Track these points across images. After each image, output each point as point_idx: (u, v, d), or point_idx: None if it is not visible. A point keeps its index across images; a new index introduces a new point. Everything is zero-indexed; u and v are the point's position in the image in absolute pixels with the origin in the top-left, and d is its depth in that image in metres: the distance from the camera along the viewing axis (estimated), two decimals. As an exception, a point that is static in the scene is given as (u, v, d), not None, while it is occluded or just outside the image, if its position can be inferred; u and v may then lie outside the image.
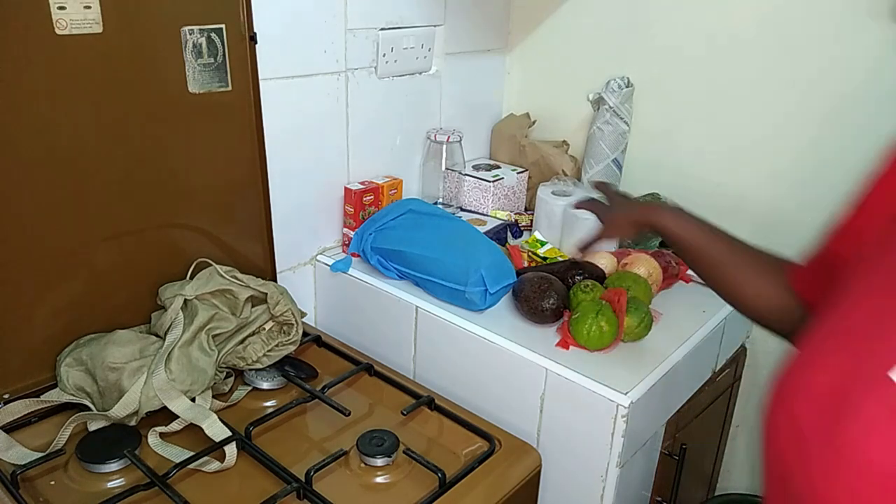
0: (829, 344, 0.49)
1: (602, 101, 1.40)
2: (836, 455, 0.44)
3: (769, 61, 1.27)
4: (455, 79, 1.50)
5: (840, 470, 0.44)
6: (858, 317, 0.49)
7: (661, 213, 0.83)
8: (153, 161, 1.01)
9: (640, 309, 1.06)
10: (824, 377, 0.47)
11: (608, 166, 1.43)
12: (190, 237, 1.09)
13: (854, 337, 0.48)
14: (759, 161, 1.31)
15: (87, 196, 0.95)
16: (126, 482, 0.85)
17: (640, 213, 0.85)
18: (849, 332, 0.49)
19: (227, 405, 1.00)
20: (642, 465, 1.10)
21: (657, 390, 1.01)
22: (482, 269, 1.11)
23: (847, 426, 0.44)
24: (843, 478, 0.43)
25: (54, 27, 0.86)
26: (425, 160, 1.47)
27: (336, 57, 1.24)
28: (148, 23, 0.95)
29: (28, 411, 0.93)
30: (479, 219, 1.45)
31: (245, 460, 0.90)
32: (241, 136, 1.10)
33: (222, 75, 1.04)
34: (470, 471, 0.89)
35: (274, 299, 1.05)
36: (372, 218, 1.28)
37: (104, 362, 0.92)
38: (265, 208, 1.17)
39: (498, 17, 1.57)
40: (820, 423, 0.46)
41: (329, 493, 0.83)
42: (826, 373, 0.47)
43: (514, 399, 1.06)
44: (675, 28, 1.36)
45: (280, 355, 1.04)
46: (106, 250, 0.99)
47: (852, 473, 0.43)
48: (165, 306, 1.01)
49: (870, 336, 0.47)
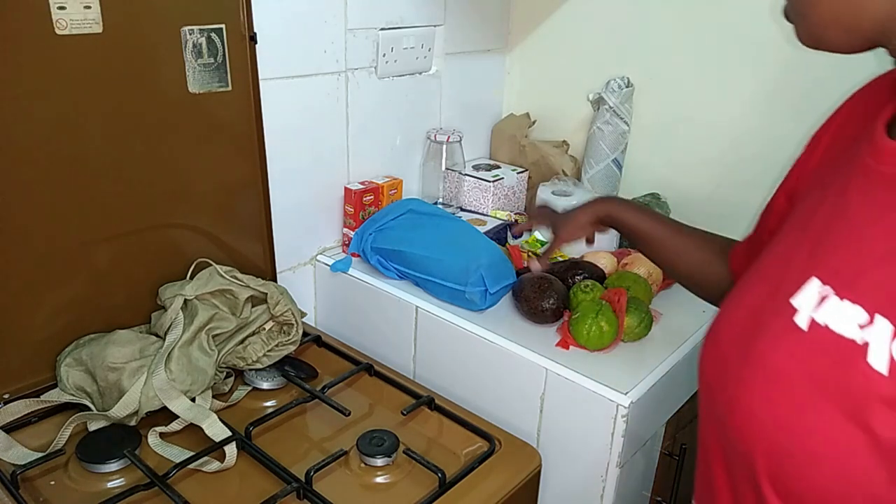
0: (747, 281, 0.59)
1: (602, 101, 1.40)
2: (749, 365, 0.53)
3: (770, 61, 1.27)
4: (455, 79, 1.50)
5: (754, 377, 0.52)
6: (770, 259, 0.58)
7: (607, 205, 0.88)
8: (153, 161, 1.01)
9: (640, 309, 1.06)
10: (742, 310, 0.57)
11: (608, 166, 1.43)
12: (190, 237, 1.09)
13: (766, 275, 0.57)
14: (760, 161, 1.31)
15: (87, 196, 0.95)
16: (126, 482, 0.85)
17: (588, 211, 0.89)
18: (763, 272, 0.58)
19: (227, 405, 1.00)
20: (642, 465, 1.10)
21: (657, 390, 1.01)
22: (482, 269, 1.11)
23: (757, 343, 0.53)
24: (757, 383, 0.52)
25: (54, 27, 0.86)
26: (425, 160, 1.47)
27: (336, 57, 1.24)
28: (148, 23, 0.95)
29: (28, 411, 0.93)
30: (479, 219, 1.45)
31: (245, 460, 0.90)
32: (241, 136, 1.10)
33: (222, 75, 1.04)
34: (470, 471, 0.89)
35: (274, 299, 1.05)
36: (372, 218, 1.28)
37: (104, 362, 0.92)
38: (265, 208, 1.17)
39: (498, 17, 1.57)
40: (737, 343, 0.55)
41: (329, 493, 0.83)
42: (743, 306, 0.57)
43: (514, 399, 1.06)
44: (676, 28, 1.36)
45: (280, 355, 1.04)
46: (106, 250, 0.99)
47: (762, 378, 0.51)
48: (165, 306, 1.01)
49: (778, 272, 0.55)
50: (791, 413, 0.49)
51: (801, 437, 0.48)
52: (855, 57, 0.55)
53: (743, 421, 0.53)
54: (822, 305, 0.49)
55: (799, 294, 0.51)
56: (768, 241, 0.66)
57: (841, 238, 0.52)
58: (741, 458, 0.54)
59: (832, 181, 0.56)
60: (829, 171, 0.59)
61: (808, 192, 0.60)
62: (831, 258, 0.51)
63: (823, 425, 0.47)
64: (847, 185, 0.53)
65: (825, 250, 0.52)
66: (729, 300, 0.60)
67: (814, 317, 0.49)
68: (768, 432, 0.50)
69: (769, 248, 0.61)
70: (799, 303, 0.51)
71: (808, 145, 0.66)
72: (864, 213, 0.51)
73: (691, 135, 1.40)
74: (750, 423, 0.52)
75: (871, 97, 0.61)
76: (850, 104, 0.63)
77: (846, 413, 0.46)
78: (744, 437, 0.53)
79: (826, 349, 0.48)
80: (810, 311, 0.50)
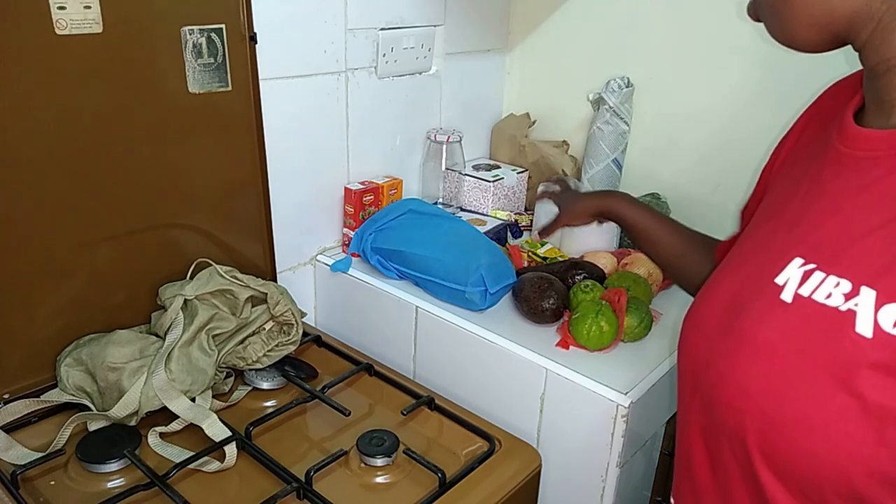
0: (727, 268, 0.62)
1: (602, 101, 1.40)
2: (735, 342, 0.55)
3: (770, 61, 1.27)
4: (455, 79, 1.50)
5: (741, 353, 0.54)
6: (748, 244, 0.62)
7: (614, 200, 0.93)
8: (153, 161, 1.01)
9: (640, 309, 1.06)
10: (722, 292, 0.60)
11: (608, 166, 1.43)
12: (190, 237, 1.09)
13: (745, 259, 0.60)
14: (760, 161, 1.31)
15: (88, 196, 0.95)
16: (126, 482, 0.85)
17: (595, 201, 0.95)
18: (741, 256, 0.61)
19: (227, 405, 1.00)
20: (642, 465, 1.10)
21: (657, 390, 1.01)
22: (482, 269, 1.11)
23: (742, 320, 0.55)
24: (744, 358, 0.54)
25: (54, 27, 0.86)
26: (425, 160, 1.47)
27: (336, 57, 1.24)
28: (148, 23, 0.95)
29: (28, 411, 0.93)
30: (479, 219, 1.45)
31: (245, 460, 0.90)
32: (241, 136, 1.10)
33: (222, 75, 1.04)
34: (470, 471, 0.89)
35: (274, 299, 1.05)
36: (372, 218, 1.28)
37: (104, 362, 0.92)
38: (265, 208, 1.17)
39: (498, 17, 1.57)
40: (720, 324, 0.58)
41: (329, 493, 0.83)
42: (724, 288, 0.60)
43: (514, 399, 1.06)
44: (676, 28, 1.36)
45: (280, 355, 1.04)
46: (106, 250, 0.99)
47: (750, 353, 0.54)
48: (165, 306, 1.01)
49: (758, 255, 0.58)
50: (781, 383, 0.51)
51: (793, 406, 0.50)
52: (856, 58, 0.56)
53: (733, 396, 0.54)
54: (807, 281, 0.52)
55: (782, 273, 0.54)
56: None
57: (819, 218, 0.54)
58: (730, 434, 0.55)
59: (805, 170, 0.60)
60: (800, 162, 0.63)
61: (780, 183, 0.64)
62: (811, 237, 0.54)
63: (814, 393, 0.49)
64: (821, 170, 0.57)
65: (804, 231, 0.55)
66: (708, 286, 0.63)
67: (798, 291, 0.52)
68: (759, 404, 0.52)
69: (746, 234, 0.64)
70: (782, 280, 0.54)
71: (778, 144, 0.70)
72: (839, 194, 0.54)
73: (691, 135, 1.40)
74: (740, 398, 0.54)
75: (837, 95, 0.64)
76: (817, 104, 0.67)
77: (835, 379, 0.48)
78: (734, 412, 0.54)
79: (812, 320, 0.50)
80: (794, 286, 0.52)
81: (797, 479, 0.51)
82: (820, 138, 0.60)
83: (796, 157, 0.65)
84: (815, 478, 0.50)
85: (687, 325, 0.63)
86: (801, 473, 0.50)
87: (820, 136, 0.61)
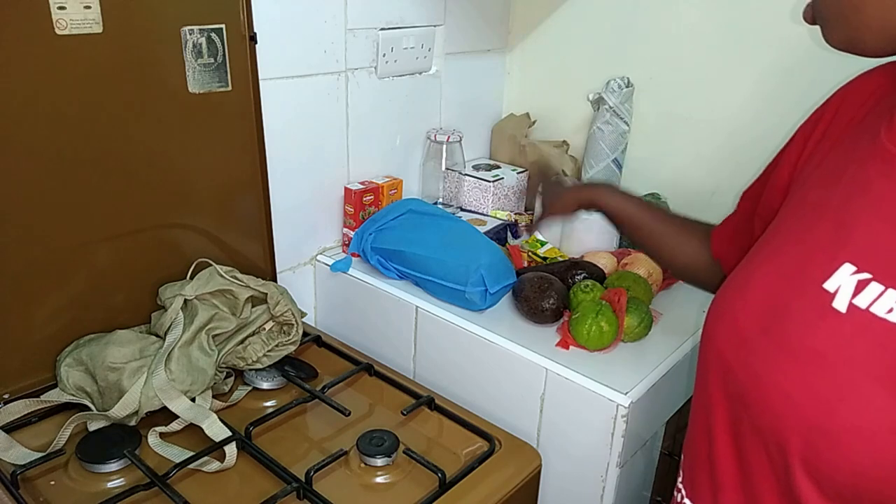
0: (757, 260, 0.61)
1: (602, 101, 1.40)
2: (782, 348, 0.53)
3: (770, 60, 1.27)
4: (455, 79, 1.50)
5: (781, 354, 0.53)
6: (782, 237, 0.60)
7: (598, 190, 0.93)
8: (153, 161, 1.01)
9: (640, 309, 1.06)
10: (759, 286, 0.58)
11: (608, 166, 1.43)
12: (190, 237, 1.09)
13: (779, 251, 0.59)
14: (760, 161, 1.31)
15: (87, 196, 0.95)
16: (126, 482, 0.85)
17: (578, 192, 0.95)
18: (775, 248, 0.59)
19: (227, 405, 1.00)
20: (642, 465, 1.10)
21: (657, 390, 1.01)
22: (482, 269, 1.11)
23: (788, 326, 0.54)
24: (791, 365, 0.52)
25: (54, 27, 0.86)
26: (425, 160, 1.47)
27: (336, 57, 1.24)
28: (148, 23, 0.95)
29: (28, 411, 0.93)
30: (479, 219, 1.45)
31: (245, 460, 0.90)
32: (241, 136, 1.10)
33: (222, 75, 1.04)
34: (470, 471, 0.89)
35: (274, 299, 1.05)
36: (372, 218, 1.28)
37: (104, 362, 0.92)
38: (265, 208, 1.17)
39: (498, 17, 1.57)
40: (758, 320, 0.56)
41: (329, 493, 0.83)
42: (759, 283, 0.58)
43: (514, 399, 1.06)
44: (675, 28, 1.36)
45: (280, 355, 1.04)
46: (106, 250, 0.99)
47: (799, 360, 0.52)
48: (165, 306, 1.01)
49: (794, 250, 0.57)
50: (831, 392, 0.50)
51: (842, 416, 0.49)
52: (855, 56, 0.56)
53: (773, 400, 0.53)
54: (863, 291, 0.50)
55: (831, 279, 0.52)
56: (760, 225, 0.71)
57: (868, 222, 0.53)
58: (767, 436, 0.54)
59: (843, 165, 0.58)
60: (834, 156, 0.60)
61: (811, 176, 0.62)
62: (861, 242, 0.52)
63: (866, 404, 0.48)
64: (863, 167, 0.55)
65: (851, 234, 0.53)
66: (738, 279, 0.61)
67: (854, 302, 0.51)
68: (804, 411, 0.51)
69: (777, 226, 0.62)
70: (832, 287, 0.52)
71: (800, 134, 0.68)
72: (889, 197, 0.52)
73: (691, 135, 1.40)
74: (781, 403, 0.53)
75: (868, 86, 0.62)
76: (844, 93, 0.65)
77: (890, 392, 0.47)
78: (773, 416, 0.53)
79: (871, 332, 0.49)
80: (848, 296, 0.51)
81: (838, 488, 0.50)
82: (858, 133, 0.59)
83: (828, 151, 0.62)
84: (857, 488, 0.49)
85: (715, 319, 0.61)
86: (842, 483, 0.50)
87: (857, 130, 0.59)
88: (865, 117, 0.59)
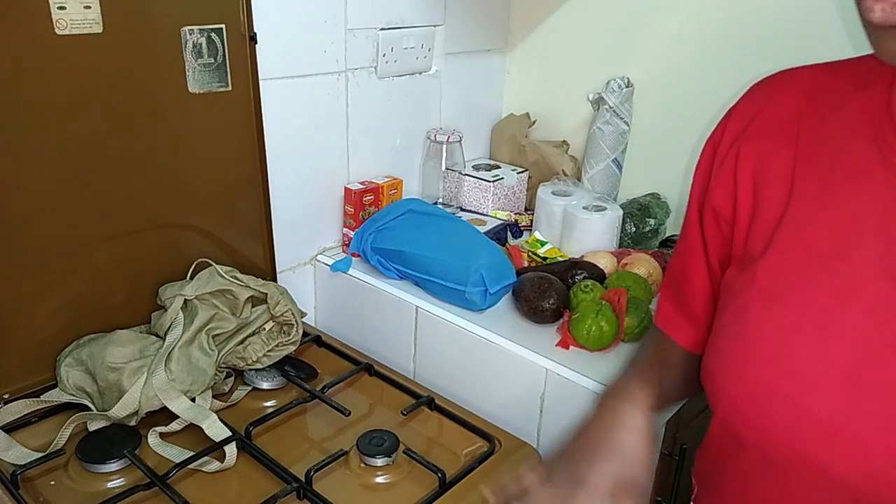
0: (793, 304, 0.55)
1: (602, 101, 1.40)
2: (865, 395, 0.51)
3: (770, 61, 1.26)
4: (455, 79, 1.50)
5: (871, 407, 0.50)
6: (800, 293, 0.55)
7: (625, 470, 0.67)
8: (153, 161, 1.01)
9: (640, 309, 1.06)
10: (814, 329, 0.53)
11: (608, 166, 1.43)
12: (190, 237, 1.09)
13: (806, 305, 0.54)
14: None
15: (87, 196, 0.95)
16: (126, 482, 0.85)
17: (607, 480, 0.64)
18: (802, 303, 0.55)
19: (227, 405, 1.00)
20: (642, 465, 1.10)
21: (657, 390, 1.01)
22: (482, 269, 1.11)
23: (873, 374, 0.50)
24: (873, 413, 0.50)
25: (54, 27, 0.86)
26: (425, 160, 1.47)
27: (336, 57, 1.24)
28: (148, 23, 0.95)
29: (28, 411, 0.93)
30: (479, 219, 1.45)
31: (245, 460, 0.90)
32: (241, 136, 1.10)
33: (222, 75, 1.04)
34: (470, 471, 0.89)
35: (274, 299, 1.05)
36: (372, 218, 1.28)
37: (104, 362, 0.92)
38: (265, 208, 1.17)
39: (498, 17, 1.57)
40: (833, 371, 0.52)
41: (329, 493, 0.83)
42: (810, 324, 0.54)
43: (514, 399, 1.06)
44: (676, 28, 1.36)
45: (280, 355, 1.04)
46: (106, 250, 0.99)
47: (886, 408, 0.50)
48: (165, 306, 1.01)
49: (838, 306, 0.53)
50: None
51: None
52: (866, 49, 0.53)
53: (849, 447, 0.52)
54: None
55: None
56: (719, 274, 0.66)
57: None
58: (833, 481, 0.53)
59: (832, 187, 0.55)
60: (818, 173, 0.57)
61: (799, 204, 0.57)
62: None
63: None
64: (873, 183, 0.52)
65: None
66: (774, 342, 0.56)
67: None
68: (882, 458, 0.50)
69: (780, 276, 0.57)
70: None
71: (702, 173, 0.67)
72: None
73: (691, 135, 1.40)
74: (860, 450, 0.51)
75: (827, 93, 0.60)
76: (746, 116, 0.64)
77: None
78: (849, 462, 0.52)
79: None
80: None
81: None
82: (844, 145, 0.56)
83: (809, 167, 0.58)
84: None
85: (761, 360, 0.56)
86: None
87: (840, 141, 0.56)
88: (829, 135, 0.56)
